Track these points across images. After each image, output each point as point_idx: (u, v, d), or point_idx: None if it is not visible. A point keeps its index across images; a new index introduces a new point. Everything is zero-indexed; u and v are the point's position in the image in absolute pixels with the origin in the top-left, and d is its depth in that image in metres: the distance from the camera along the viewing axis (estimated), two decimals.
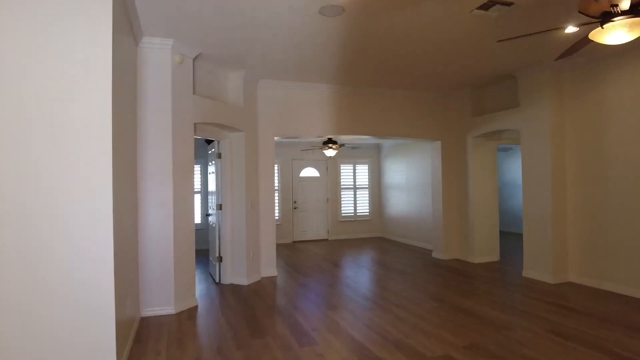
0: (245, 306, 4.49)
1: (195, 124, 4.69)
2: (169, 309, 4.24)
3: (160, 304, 4.22)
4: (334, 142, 8.35)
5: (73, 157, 2.59)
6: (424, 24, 4.00)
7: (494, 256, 6.91)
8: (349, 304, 4.51)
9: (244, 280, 5.48)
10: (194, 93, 4.71)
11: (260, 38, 4.31)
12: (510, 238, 9.28)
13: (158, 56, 4.27)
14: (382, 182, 10.46)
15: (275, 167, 9.59)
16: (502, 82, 6.29)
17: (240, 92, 5.52)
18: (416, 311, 4.21)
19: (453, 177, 7.14)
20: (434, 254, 7.37)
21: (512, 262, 6.72)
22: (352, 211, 10.43)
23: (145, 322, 3.99)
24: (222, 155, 5.64)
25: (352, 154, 10.42)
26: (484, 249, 6.83)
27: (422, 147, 8.63)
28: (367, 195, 10.57)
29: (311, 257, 7.73)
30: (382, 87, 6.54)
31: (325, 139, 8.38)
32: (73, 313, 2.56)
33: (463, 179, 6.99)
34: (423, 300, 4.63)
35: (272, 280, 5.76)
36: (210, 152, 6.22)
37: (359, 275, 6.05)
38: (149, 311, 4.17)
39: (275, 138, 6.19)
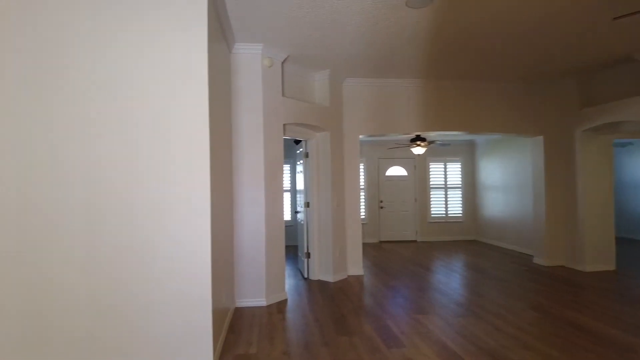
0: (332, 303, 4.52)
1: (284, 124, 4.85)
2: (261, 301, 4.44)
3: (252, 295, 4.44)
4: (423, 139, 8.05)
5: (175, 158, 2.82)
6: (520, 2, 3.64)
7: (609, 265, 6.09)
8: (440, 310, 4.29)
9: (330, 277, 5.53)
10: (282, 95, 4.87)
11: (344, 36, 4.30)
12: (630, 245, 8.11)
13: (249, 60, 4.50)
14: (477, 181, 9.83)
15: (361, 166, 9.57)
16: (619, 67, 5.50)
17: (326, 91, 5.59)
18: (515, 321, 3.86)
19: (558, 175, 6.44)
20: (535, 260, 6.73)
21: (632, 273, 5.85)
22: (443, 212, 9.96)
23: (239, 312, 4.23)
24: (309, 155, 5.75)
25: (442, 152, 9.96)
26: (597, 257, 6.05)
27: (521, 143, 7.93)
28: (460, 195, 10.01)
29: (399, 258, 7.55)
30: (474, 79, 6.14)
31: (412, 136, 8.13)
32: (175, 300, 2.80)
33: (570, 177, 6.27)
34: (523, 309, 4.23)
35: (358, 279, 5.73)
36: (298, 151, 6.39)
37: (450, 279, 5.75)
38: (243, 302, 4.42)
39: (361, 136, 6.15)
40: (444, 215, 9.96)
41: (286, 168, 9.20)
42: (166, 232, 2.80)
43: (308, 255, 5.77)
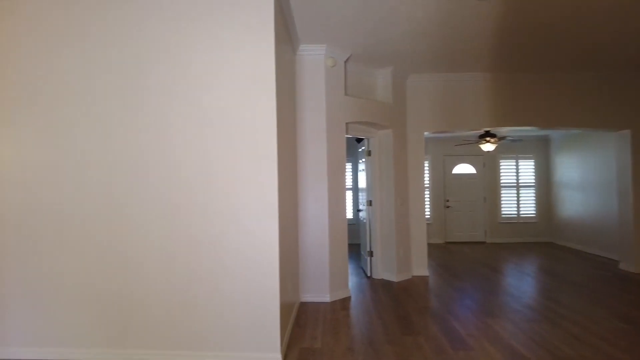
0: (396, 303, 4.48)
1: (346, 123, 4.89)
2: (325, 297, 4.53)
3: (316, 291, 4.54)
4: (492, 135, 7.67)
5: (245, 158, 2.98)
6: None
7: None
8: (511, 314, 4.09)
9: (394, 277, 5.49)
10: (345, 94, 4.91)
11: (409, 32, 4.24)
12: None
13: (312, 61, 4.60)
14: (552, 180, 9.17)
15: (426, 164, 9.34)
16: None
17: (389, 89, 5.54)
18: (597, 331, 3.57)
19: None
20: (622, 266, 6.14)
21: None
22: (515, 212, 9.42)
23: (303, 307, 4.34)
24: (372, 153, 5.74)
25: (514, 148, 9.42)
26: None
27: (602, 137, 7.28)
28: (533, 194, 9.41)
29: (466, 260, 7.28)
30: (548, 71, 5.74)
31: (481, 132, 7.78)
32: (245, 292, 2.95)
33: None
34: (606, 318, 3.90)
35: (423, 280, 5.62)
36: (360, 150, 6.40)
37: (523, 283, 5.44)
38: (307, 297, 4.53)
39: (426, 133, 6.01)
40: (515, 215, 9.42)
41: (348, 166, 9.25)
42: (237, 227, 2.97)
43: (371, 253, 5.76)
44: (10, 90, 3.14)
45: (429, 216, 9.42)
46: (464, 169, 9.54)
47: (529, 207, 9.41)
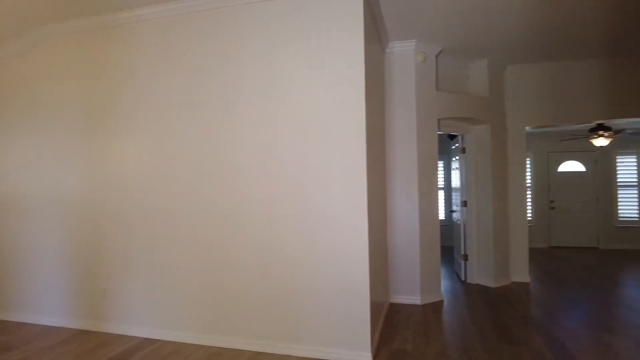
0: (493, 309, 4.21)
1: (438, 119, 4.72)
2: (415, 300, 4.42)
3: (406, 293, 4.45)
4: (606, 129, 6.81)
5: (335, 156, 3.03)
6: None
7: None
8: (633, 331, 3.59)
9: (490, 282, 5.15)
10: (436, 89, 4.74)
11: (506, 20, 3.94)
12: None
13: (402, 58, 4.52)
14: None
15: (527, 161, 8.61)
16: None
17: (484, 81, 5.21)
18: None
19: None
20: None
21: None
22: (635, 214, 8.25)
23: (393, 308, 4.29)
24: (466, 150, 5.46)
25: (634, 143, 8.25)
26: None
27: None
28: None
29: (574, 267, 6.56)
30: None
31: (593, 125, 6.94)
32: (336, 289, 3.01)
33: None
34: None
35: (523, 286, 5.19)
36: (453, 147, 6.12)
37: None
38: (397, 298, 4.47)
39: (527, 128, 5.55)
40: (636, 218, 8.24)
41: (440, 165, 8.90)
42: (327, 225, 3.04)
43: (465, 257, 5.48)
44: (128, 104, 3.59)
45: (530, 218, 8.67)
46: (571, 166, 8.61)
47: None
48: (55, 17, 3.69)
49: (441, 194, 8.89)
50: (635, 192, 8.29)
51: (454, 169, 6.13)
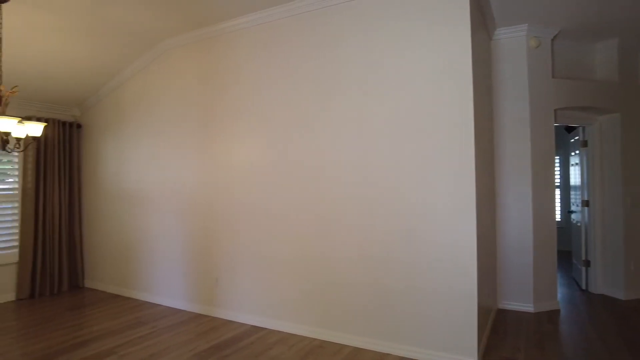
0: (624, 324, 3.67)
1: (555, 110, 4.26)
2: (527, 307, 4.06)
3: (517, 299, 4.11)
4: None
5: (440, 151, 2.92)
6: None
7: None
8: None
9: (620, 294, 4.50)
10: (552, 76, 4.28)
11: None
12: None
13: (511, 45, 4.17)
14: None
15: None
16: None
17: (612, 65, 4.56)
18: None
19: None
20: None
21: None
22: None
23: (502, 314, 3.99)
24: (589, 143, 4.84)
25: None
26: None
27: None
28: None
29: None
30: None
31: None
32: (441, 292, 2.90)
33: None
34: None
35: None
36: (572, 140, 5.48)
37: None
38: (505, 304, 4.15)
39: None
40: None
41: (555, 161, 8.03)
42: (430, 224, 2.93)
43: (587, 263, 4.87)
44: (234, 107, 3.87)
45: None
46: None
47: None
48: (170, 32, 4.16)
49: (557, 193, 8.02)
50: None
51: (572, 165, 5.49)
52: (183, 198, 4.26)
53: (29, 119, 4.54)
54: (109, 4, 3.42)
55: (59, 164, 5.00)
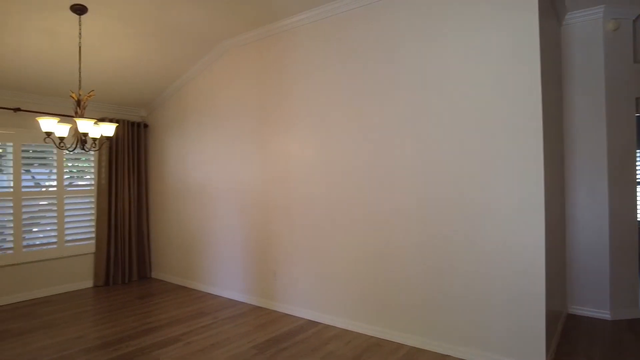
0: None
1: (637, 98, 3.87)
2: (603, 314, 3.74)
3: (591, 304, 3.80)
4: None
5: (504, 146, 2.76)
6: None
7: None
8: None
9: None
10: (634, 62, 3.89)
11: None
12: None
13: (585, 29, 3.83)
14: None
15: None
16: None
17: None
18: None
19: None
20: None
21: None
22: None
23: (572, 320, 3.71)
24: None
25: None
26: None
27: None
28: None
29: None
30: None
31: None
32: (505, 290, 2.75)
33: None
34: None
35: None
36: None
37: None
38: (577, 310, 3.85)
39: None
40: None
41: (637, 155, 7.33)
42: (494, 222, 2.79)
43: None
44: (293, 104, 3.90)
45: None
46: None
47: None
48: (230, 33, 4.28)
49: (639, 190, 7.32)
50: None
51: None
52: (243, 194, 4.39)
53: (102, 120, 4.90)
54: (171, 9, 3.59)
55: (128, 161, 5.36)
